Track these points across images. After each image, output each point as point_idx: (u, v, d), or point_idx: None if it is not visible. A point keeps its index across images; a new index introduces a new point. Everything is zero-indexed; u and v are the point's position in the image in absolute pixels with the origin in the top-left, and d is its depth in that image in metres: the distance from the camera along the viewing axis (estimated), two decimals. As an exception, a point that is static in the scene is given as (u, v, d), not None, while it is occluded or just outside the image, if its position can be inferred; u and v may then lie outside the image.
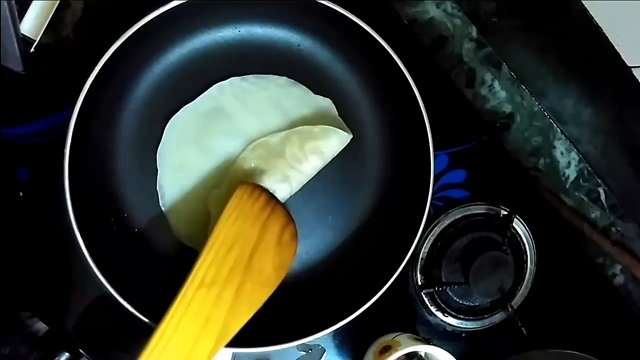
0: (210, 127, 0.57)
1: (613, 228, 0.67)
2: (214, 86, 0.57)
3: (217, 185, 0.57)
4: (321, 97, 0.58)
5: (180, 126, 0.57)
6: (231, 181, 0.57)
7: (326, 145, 0.57)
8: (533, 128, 0.65)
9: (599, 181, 0.66)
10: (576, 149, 0.66)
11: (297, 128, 0.57)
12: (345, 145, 0.58)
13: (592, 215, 0.67)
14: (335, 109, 0.59)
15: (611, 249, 0.67)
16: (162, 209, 0.57)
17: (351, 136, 0.58)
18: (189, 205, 0.58)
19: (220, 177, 0.57)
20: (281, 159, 0.57)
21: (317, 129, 0.57)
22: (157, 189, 0.57)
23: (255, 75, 0.58)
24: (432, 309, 0.64)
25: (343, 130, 0.58)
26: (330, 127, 0.57)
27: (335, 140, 0.57)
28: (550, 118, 0.65)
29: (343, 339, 0.64)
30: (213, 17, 0.56)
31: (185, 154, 0.57)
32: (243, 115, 0.58)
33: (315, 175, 0.59)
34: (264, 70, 0.58)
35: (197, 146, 0.57)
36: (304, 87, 0.58)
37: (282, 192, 0.56)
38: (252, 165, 0.57)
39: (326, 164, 0.58)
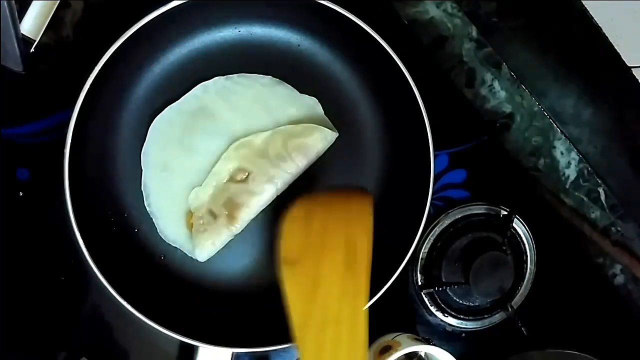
0: (195, 126, 0.57)
1: (613, 228, 0.67)
2: (198, 86, 0.57)
3: (200, 184, 0.57)
4: (307, 95, 0.58)
5: (164, 126, 0.57)
6: (216, 183, 0.57)
7: (309, 143, 0.57)
8: (533, 128, 0.65)
9: (599, 181, 0.66)
10: (576, 149, 0.66)
11: (281, 127, 0.57)
12: (330, 144, 0.58)
13: (592, 215, 0.67)
14: (321, 107, 0.58)
15: (611, 249, 0.67)
16: (147, 209, 0.57)
17: (336, 134, 0.58)
18: (173, 205, 0.57)
19: (204, 177, 0.57)
20: (265, 158, 0.56)
21: (299, 127, 0.57)
22: (142, 189, 0.57)
23: (240, 74, 0.57)
24: (432, 309, 0.64)
25: (328, 128, 0.58)
26: (313, 125, 0.57)
27: (319, 138, 0.57)
28: (550, 118, 0.65)
29: (343, 339, 0.64)
30: (213, 17, 0.56)
31: (169, 154, 0.57)
32: (227, 115, 0.57)
33: (316, 175, 0.59)
34: (264, 70, 0.58)
35: (181, 146, 0.57)
36: (290, 86, 0.58)
37: (268, 193, 0.56)
38: (236, 165, 0.57)
39: (311, 162, 0.58)
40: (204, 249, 0.56)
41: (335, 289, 0.49)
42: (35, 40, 0.55)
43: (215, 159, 0.57)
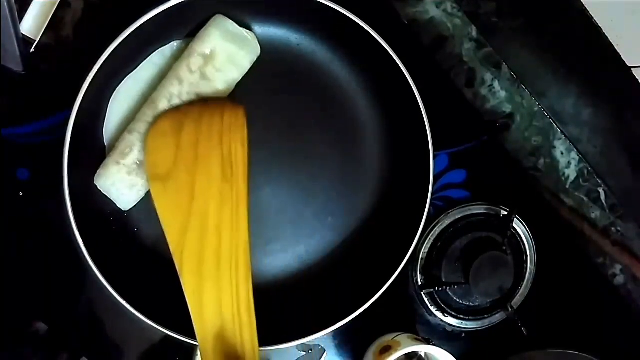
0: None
1: (613, 228, 0.67)
2: (154, 52, 0.56)
3: None
4: (244, 30, 0.56)
5: (124, 97, 0.56)
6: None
7: (206, 43, 0.54)
8: (533, 128, 0.65)
9: (599, 181, 0.66)
10: (576, 149, 0.66)
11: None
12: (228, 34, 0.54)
13: (592, 215, 0.67)
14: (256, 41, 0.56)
15: (611, 249, 0.67)
16: None
17: (224, 19, 0.54)
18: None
19: None
20: (185, 81, 0.54)
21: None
22: None
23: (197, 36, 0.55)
24: (432, 309, 0.64)
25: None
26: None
27: (214, 29, 0.54)
28: (550, 118, 0.65)
29: (343, 339, 0.64)
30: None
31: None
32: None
33: (315, 175, 0.59)
34: (264, 70, 0.57)
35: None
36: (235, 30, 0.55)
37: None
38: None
39: (217, 58, 0.54)
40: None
41: (212, 199, 0.49)
42: (35, 40, 0.55)
43: None
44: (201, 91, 0.54)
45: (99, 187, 0.55)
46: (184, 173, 0.50)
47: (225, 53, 0.54)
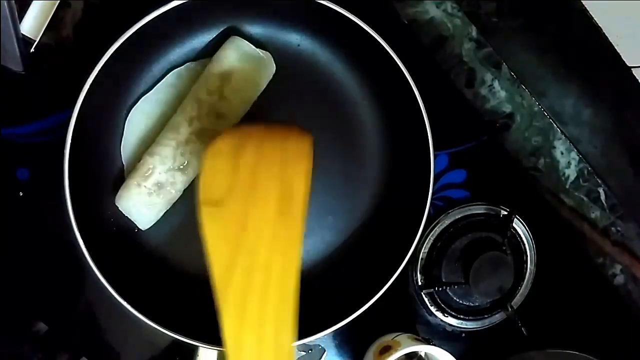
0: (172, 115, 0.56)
1: (613, 228, 0.67)
2: (170, 73, 0.56)
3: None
4: (261, 50, 0.56)
5: (141, 117, 0.56)
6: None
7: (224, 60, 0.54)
8: (533, 128, 0.65)
9: (599, 181, 0.66)
10: (576, 149, 0.66)
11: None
12: (245, 56, 0.55)
13: (592, 215, 0.67)
14: (273, 63, 0.57)
15: (611, 249, 0.67)
16: None
17: (239, 40, 0.55)
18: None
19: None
20: (204, 103, 0.54)
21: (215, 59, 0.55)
22: None
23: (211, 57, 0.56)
24: (432, 309, 0.64)
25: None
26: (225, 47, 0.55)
27: (231, 51, 0.55)
28: (550, 118, 0.65)
29: (343, 339, 0.64)
30: (213, 17, 0.56)
31: (147, 146, 0.56)
32: None
33: (315, 175, 0.59)
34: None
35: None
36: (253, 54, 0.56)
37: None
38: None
39: (232, 73, 0.55)
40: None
41: (265, 235, 0.43)
42: (35, 40, 0.55)
43: None
44: (220, 111, 0.55)
45: (119, 208, 0.55)
46: (239, 201, 0.43)
47: (242, 74, 0.55)
